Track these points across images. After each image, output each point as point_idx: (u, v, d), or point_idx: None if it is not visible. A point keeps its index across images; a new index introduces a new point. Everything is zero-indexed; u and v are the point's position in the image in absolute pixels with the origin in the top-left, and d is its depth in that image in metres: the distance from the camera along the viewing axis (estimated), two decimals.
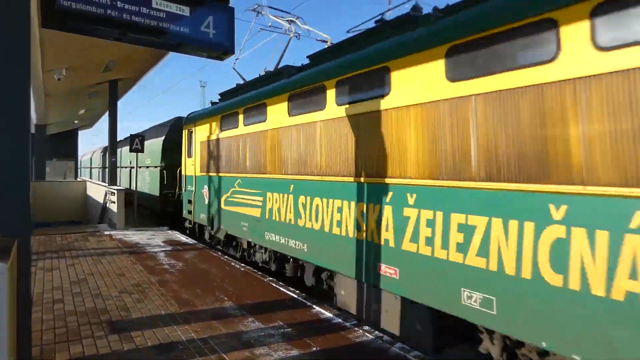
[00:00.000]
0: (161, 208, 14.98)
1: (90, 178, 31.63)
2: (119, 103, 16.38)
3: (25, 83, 2.78)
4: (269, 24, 10.96)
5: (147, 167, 16.95)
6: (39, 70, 11.16)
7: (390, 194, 4.54)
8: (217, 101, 10.19)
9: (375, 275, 4.72)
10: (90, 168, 37.30)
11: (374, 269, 4.73)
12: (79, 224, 16.83)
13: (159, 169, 15.16)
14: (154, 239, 10.49)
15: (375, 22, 5.53)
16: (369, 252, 4.84)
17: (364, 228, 4.89)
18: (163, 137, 15.33)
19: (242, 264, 7.78)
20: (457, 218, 3.80)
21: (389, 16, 6.23)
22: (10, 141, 2.67)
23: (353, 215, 5.07)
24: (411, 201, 4.28)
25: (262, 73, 8.81)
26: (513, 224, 3.35)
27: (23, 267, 2.73)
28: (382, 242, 4.62)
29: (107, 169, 17.24)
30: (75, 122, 26.72)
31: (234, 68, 10.61)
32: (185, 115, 12.48)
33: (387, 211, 4.55)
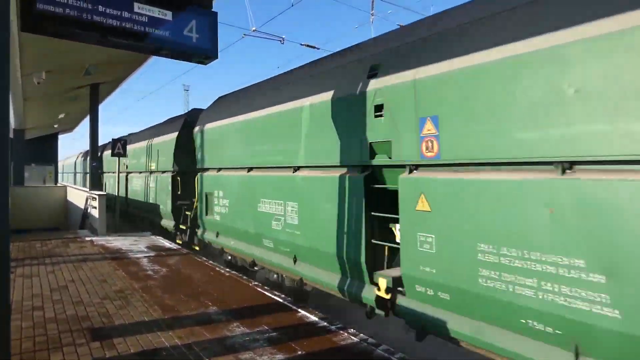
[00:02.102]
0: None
1: (75, 184, 30.86)
2: (101, 107, 16.15)
3: (4, 87, 2.74)
4: (253, 28, 11.01)
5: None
6: (18, 74, 10.93)
7: None
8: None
9: None
10: (75, 173, 36.18)
11: None
12: (57, 230, 16.46)
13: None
14: (137, 244, 10.34)
15: None
16: None
17: None
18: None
19: (227, 269, 7.74)
20: None
21: (372, 23, 6.35)
22: None
23: None
24: None
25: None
26: None
27: (1, 274, 2.69)
28: None
29: (98, 174, 16.70)
30: (55, 126, 26.18)
31: None
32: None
33: None
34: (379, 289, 4.72)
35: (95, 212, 12.26)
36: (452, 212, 3.89)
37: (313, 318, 5.11)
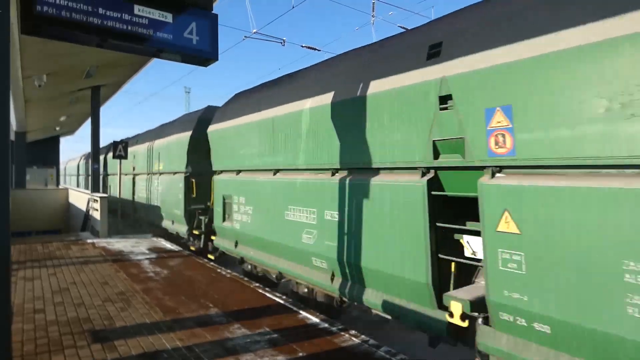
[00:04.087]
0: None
1: (77, 186, 30.72)
2: (102, 109, 16.16)
3: (5, 90, 2.75)
4: (253, 30, 11.04)
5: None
6: (19, 77, 10.96)
7: None
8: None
9: None
10: (77, 175, 35.83)
11: None
12: (58, 232, 16.47)
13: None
14: (138, 246, 10.35)
15: None
16: None
17: None
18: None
19: (228, 270, 7.73)
20: None
21: (373, 25, 6.19)
22: None
23: None
24: None
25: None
26: None
27: (2, 276, 2.69)
28: None
29: (99, 176, 16.53)
30: (57, 128, 26.23)
31: None
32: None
33: None
34: (451, 315, 3.89)
35: (96, 214, 12.28)
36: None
37: (314, 319, 5.11)
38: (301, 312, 5.39)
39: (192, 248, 10.67)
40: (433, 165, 4.24)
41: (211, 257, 9.80)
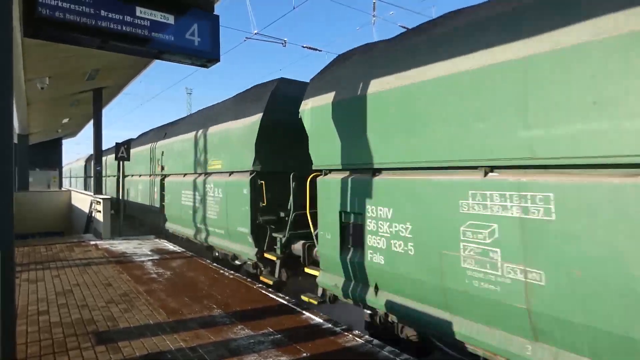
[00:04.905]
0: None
1: (85, 189, 30.48)
2: (104, 111, 16.21)
3: (8, 93, 2.76)
4: (255, 31, 11.02)
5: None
6: (21, 79, 11.00)
7: None
8: None
9: None
10: (85, 177, 34.47)
11: None
12: (61, 234, 16.53)
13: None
14: (141, 247, 10.37)
15: None
16: None
17: None
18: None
19: (231, 271, 7.74)
20: None
21: (374, 25, 5.76)
22: None
23: None
24: None
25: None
26: None
27: (6, 278, 2.70)
28: None
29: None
30: (59, 131, 26.34)
31: None
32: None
33: None
34: None
35: (99, 216, 12.31)
36: None
37: (318, 320, 5.10)
38: (304, 312, 5.39)
39: (266, 280, 7.53)
40: None
41: (309, 300, 6.27)
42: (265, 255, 7.64)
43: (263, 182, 7.61)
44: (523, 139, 3.50)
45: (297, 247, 7.08)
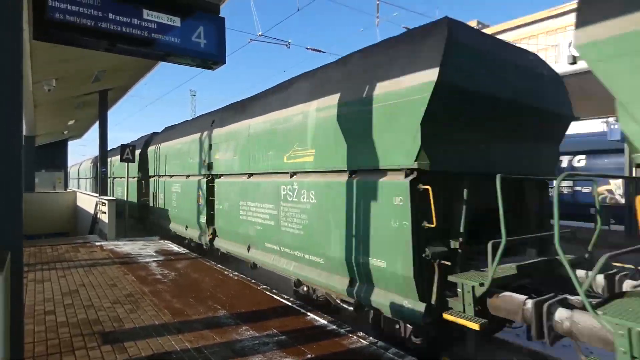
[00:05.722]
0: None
1: (99, 192, 29.98)
2: (109, 113, 16.32)
3: (18, 95, 2.79)
4: (259, 33, 11.06)
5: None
6: (29, 82, 11.10)
7: None
8: None
9: None
10: (95, 179, 34.44)
11: None
12: (66, 235, 16.63)
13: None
14: (145, 249, 10.42)
15: None
16: None
17: None
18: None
19: (235, 272, 7.76)
20: None
21: (377, 26, 5.52)
22: (2, 153, 2.67)
23: None
24: None
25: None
26: None
27: (15, 279, 2.73)
28: None
29: (107, 179, 16.23)
30: (65, 132, 26.52)
31: None
32: None
33: None
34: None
35: (104, 217, 12.38)
36: None
37: (322, 321, 5.11)
38: (309, 314, 5.40)
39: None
40: None
41: None
42: (446, 316, 4.27)
43: (429, 188, 4.41)
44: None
45: (512, 302, 3.95)
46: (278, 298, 6.10)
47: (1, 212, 2.65)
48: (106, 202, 12.11)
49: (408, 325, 4.88)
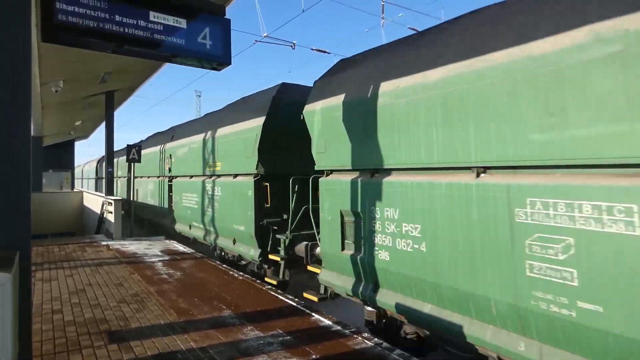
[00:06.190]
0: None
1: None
2: (115, 114, 16.44)
3: (26, 96, 2.83)
4: (264, 34, 11.12)
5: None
6: (37, 83, 11.22)
7: None
8: None
9: None
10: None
11: None
12: (73, 234, 16.77)
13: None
14: (151, 248, 10.48)
15: None
16: None
17: None
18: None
19: (240, 273, 7.79)
20: None
21: (383, 27, 5.75)
22: (11, 154, 2.71)
23: None
24: None
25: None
26: None
27: (23, 278, 2.76)
28: None
29: (113, 179, 16.38)
30: (72, 133, 26.75)
31: None
32: None
33: None
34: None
35: (111, 217, 12.47)
36: None
37: (327, 322, 5.12)
38: (314, 314, 5.41)
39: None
40: None
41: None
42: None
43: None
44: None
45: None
46: (283, 298, 6.12)
47: (9, 212, 2.68)
48: (112, 201, 12.20)
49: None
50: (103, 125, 16.98)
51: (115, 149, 17.90)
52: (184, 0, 3.94)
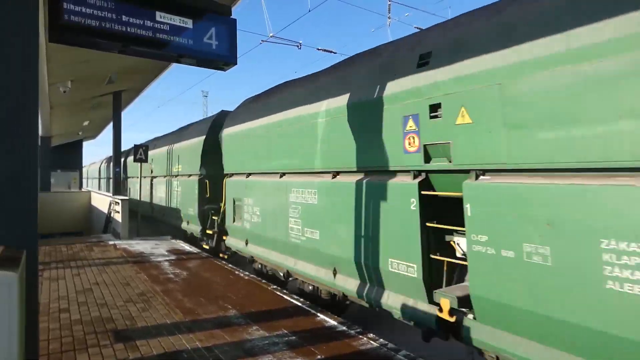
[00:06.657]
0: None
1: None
2: (123, 114, 16.55)
3: (34, 96, 2.85)
4: (270, 34, 11.14)
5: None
6: (45, 83, 11.31)
7: None
8: None
9: None
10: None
11: None
12: (81, 234, 16.89)
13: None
14: (157, 248, 10.53)
15: None
16: None
17: None
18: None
19: (246, 272, 7.80)
20: None
21: (389, 26, 6.14)
22: (18, 153, 2.72)
23: None
24: None
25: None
26: None
27: (30, 277, 2.77)
28: None
29: (120, 179, 16.63)
30: (80, 133, 26.95)
31: None
32: None
33: None
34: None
35: (118, 217, 12.54)
36: None
37: (332, 322, 5.10)
38: (319, 314, 5.40)
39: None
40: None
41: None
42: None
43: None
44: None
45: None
46: (288, 298, 6.11)
47: (16, 211, 2.70)
48: (119, 201, 12.28)
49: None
50: (111, 125, 17.09)
51: (123, 149, 18.03)
52: (190, 0, 3.94)
